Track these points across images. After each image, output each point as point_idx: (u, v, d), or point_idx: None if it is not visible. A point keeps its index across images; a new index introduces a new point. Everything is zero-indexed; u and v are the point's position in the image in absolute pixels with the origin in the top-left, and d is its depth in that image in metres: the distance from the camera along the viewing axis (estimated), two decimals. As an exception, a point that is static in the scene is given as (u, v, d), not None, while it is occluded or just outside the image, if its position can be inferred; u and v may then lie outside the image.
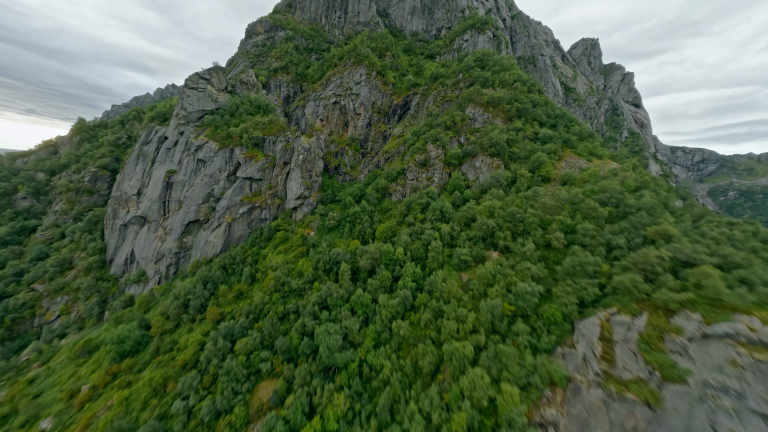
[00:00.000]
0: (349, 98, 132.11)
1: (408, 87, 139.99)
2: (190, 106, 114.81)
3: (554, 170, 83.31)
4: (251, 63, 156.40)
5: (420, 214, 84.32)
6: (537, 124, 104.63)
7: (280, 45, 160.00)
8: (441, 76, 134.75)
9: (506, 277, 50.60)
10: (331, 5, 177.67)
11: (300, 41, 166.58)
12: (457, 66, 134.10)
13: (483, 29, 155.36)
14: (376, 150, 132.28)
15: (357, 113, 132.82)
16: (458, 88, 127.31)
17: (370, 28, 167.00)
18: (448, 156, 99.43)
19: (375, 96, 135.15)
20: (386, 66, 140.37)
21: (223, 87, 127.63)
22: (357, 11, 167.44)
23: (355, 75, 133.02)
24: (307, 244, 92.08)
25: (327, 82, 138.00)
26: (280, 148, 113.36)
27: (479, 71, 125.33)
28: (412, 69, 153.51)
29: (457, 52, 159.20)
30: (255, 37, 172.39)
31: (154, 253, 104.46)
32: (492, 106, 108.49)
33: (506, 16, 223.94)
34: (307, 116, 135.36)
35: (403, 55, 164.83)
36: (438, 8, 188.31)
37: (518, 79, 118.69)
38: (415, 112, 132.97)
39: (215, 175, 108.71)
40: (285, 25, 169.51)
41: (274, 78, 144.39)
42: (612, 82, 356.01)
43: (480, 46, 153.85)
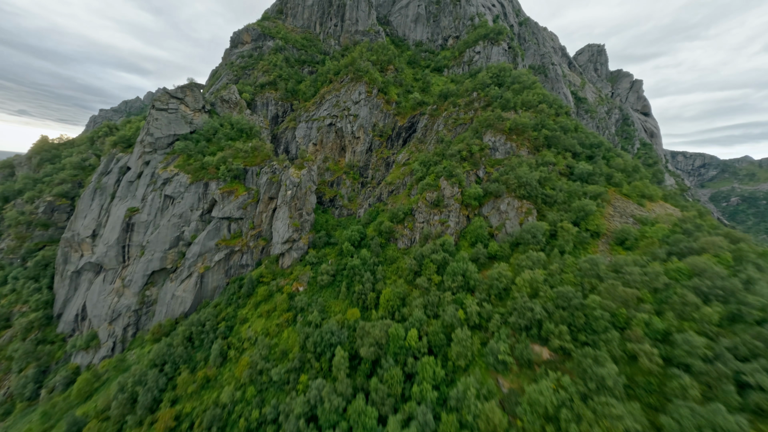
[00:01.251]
0: (346, 120, 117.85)
1: (414, 106, 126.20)
2: (157, 131, 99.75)
3: (603, 220, 68.62)
4: (236, 76, 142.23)
5: (435, 275, 69.07)
6: (570, 156, 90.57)
7: (268, 56, 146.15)
8: (452, 95, 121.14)
9: (579, 421, 35.15)
10: (327, 12, 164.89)
11: (291, 52, 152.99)
12: (470, 83, 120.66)
13: (497, 40, 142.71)
14: (377, 179, 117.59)
15: (356, 137, 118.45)
16: (472, 109, 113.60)
17: (369, 37, 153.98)
18: (465, 195, 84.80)
19: (376, 117, 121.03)
20: (389, 82, 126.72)
21: (199, 106, 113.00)
22: (355, 19, 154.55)
23: (354, 93, 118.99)
24: (294, 307, 76.52)
25: (321, 101, 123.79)
26: (265, 180, 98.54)
27: (497, 90, 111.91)
28: (417, 84, 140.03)
29: (468, 65, 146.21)
30: (241, 47, 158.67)
31: (109, 311, 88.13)
32: (516, 134, 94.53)
33: (514, 23, 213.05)
34: (298, 140, 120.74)
35: (407, 68, 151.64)
36: (444, 16, 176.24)
37: (543, 100, 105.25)
38: (422, 135, 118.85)
39: (186, 214, 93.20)
40: (274, 34, 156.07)
41: (260, 95, 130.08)
42: (620, 89, 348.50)
43: (494, 59, 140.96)
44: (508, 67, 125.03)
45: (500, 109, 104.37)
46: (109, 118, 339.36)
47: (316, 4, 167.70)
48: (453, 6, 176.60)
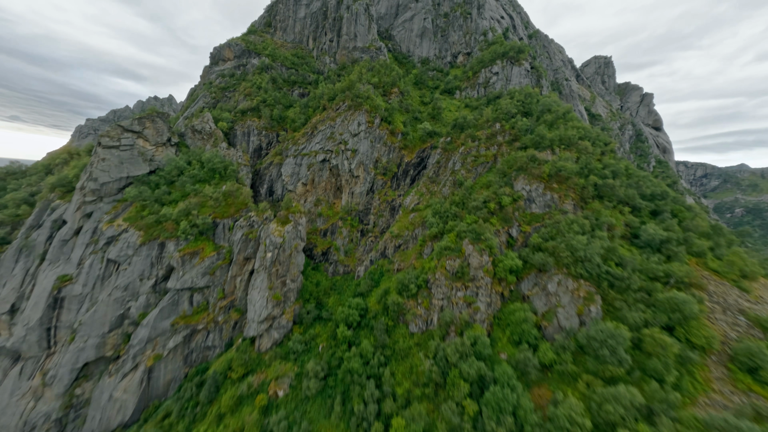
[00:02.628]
0: (343, 155, 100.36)
1: (423, 137, 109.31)
2: (104, 174, 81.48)
3: (706, 321, 50.33)
4: (214, 99, 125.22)
5: (469, 399, 50.06)
6: (629, 211, 73.08)
7: (252, 76, 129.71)
8: (469, 125, 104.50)
9: None
10: (321, 26, 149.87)
11: (279, 71, 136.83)
12: (491, 112, 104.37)
13: (518, 59, 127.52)
14: (381, 227, 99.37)
15: (354, 175, 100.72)
16: (495, 144, 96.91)
17: (369, 55, 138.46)
18: (499, 267, 66.53)
19: (379, 151, 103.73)
20: (393, 109, 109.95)
21: (163, 140, 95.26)
22: (353, 34, 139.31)
23: (352, 123, 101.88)
24: (267, 429, 56.78)
25: (313, 132, 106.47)
26: (241, 237, 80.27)
27: (525, 121, 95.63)
28: (426, 110, 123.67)
29: (484, 87, 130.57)
30: (222, 64, 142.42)
31: (20, 422, 67.47)
32: (557, 181, 77.06)
33: (523, 36, 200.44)
34: (285, 178, 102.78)
35: (413, 89, 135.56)
36: (454, 30, 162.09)
37: (584, 135, 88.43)
38: (434, 173, 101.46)
39: (133, 285, 74.17)
40: (260, 50, 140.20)
41: (241, 122, 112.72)
42: (630, 103, 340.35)
43: (515, 81, 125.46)
44: (534, 92, 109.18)
45: (533, 147, 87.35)
46: (96, 128, 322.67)
47: (309, 16, 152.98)
48: (463, 20, 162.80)
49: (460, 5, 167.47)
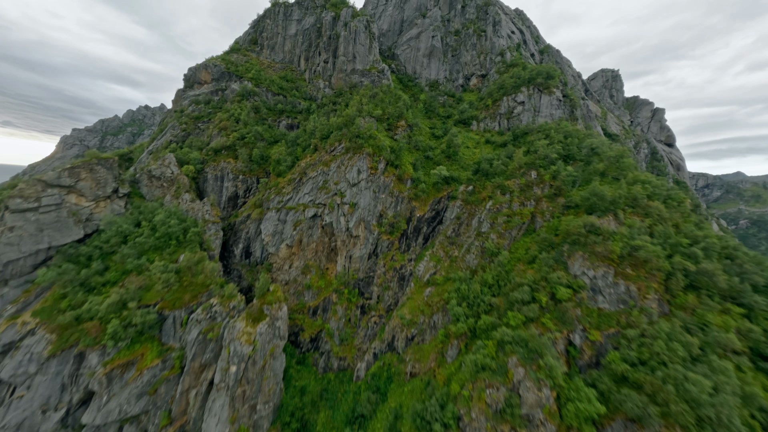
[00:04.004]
0: (338, 211, 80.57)
1: (438, 184, 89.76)
2: (11, 250, 61.22)
3: None
4: (184, 132, 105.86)
5: None
6: (737, 311, 52.96)
7: (231, 104, 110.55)
8: (496, 172, 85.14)
9: None
10: (314, 44, 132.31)
11: (264, 97, 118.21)
12: (522, 155, 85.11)
13: (547, 86, 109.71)
14: (386, 302, 78.93)
15: (353, 236, 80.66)
16: (532, 198, 77.83)
17: (370, 79, 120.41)
18: (567, 411, 45.77)
19: (384, 203, 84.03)
20: (400, 148, 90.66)
21: (107, 192, 75.56)
22: (352, 55, 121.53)
23: (351, 170, 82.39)
24: None
25: (301, 178, 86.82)
26: (197, 336, 59.45)
27: (569, 170, 76.63)
28: (439, 146, 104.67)
29: (507, 118, 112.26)
30: (198, 88, 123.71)
31: None
32: (633, 265, 57.09)
33: (534, 51, 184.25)
34: (265, 238, 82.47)
35: (422, 120, 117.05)
36: (466, 49, 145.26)
37: (654, 193, 69.24)
38: (453, 232, 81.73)
39: (32, 422, 52.54)
40: (243, 73, 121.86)
41: (213, 164, 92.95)
42: (640, 118, 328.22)
43: (545, 112, 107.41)
44: (575, 130, 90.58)
45: (586, 208, 67.94)
46: (82, 139, 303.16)
47: (300, 33, 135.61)
48: (477, 38, 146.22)
49: (473, 21, 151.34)
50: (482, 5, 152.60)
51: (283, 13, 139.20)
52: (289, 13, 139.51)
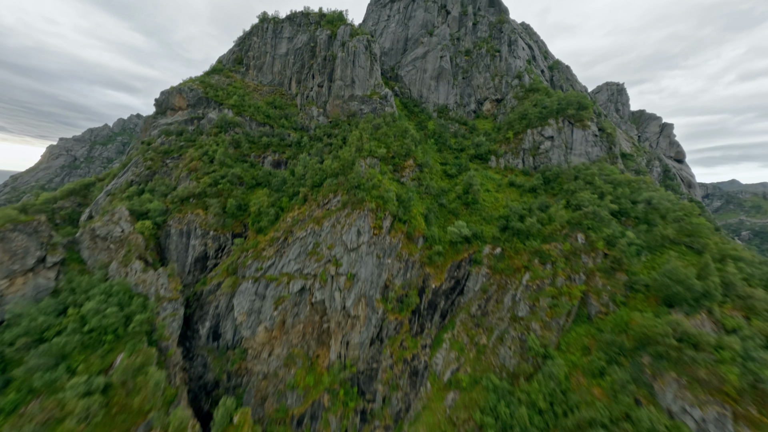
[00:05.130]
0: (333, 284, 63.82)
1: (455, 242, 73.01)
2: None
3: None
4: (149, 171, 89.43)
5: None
6: None
7: (207, 138, 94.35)
8: (530, 232, 68.79)
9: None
10: (307, 65, 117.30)
11: (248, 127, 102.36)
12: (564, 211, 68.83)
13: (580, 119, 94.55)
14: (395, 407, 61.59)
15: (351, 315, 63.47)
16: (581, 270, 61.20)
17: (371, 106, 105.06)
18: None
19: (390, 269, 67.38)
20: (410, 198, 74.22)
21: (28, 264, 58.62)
22: (350, 78, 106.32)
23: (349, 231, 65.79)
24: None
25: (286, 238, 70.03)
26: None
27: (630, 236, 60.30)
28: (453, 189, 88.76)
29: (533, 155, 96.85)
30: (171, 115, 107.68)
31: None
32: (759, 402, 39.92)
33: (544, 68, 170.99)
34: (238, 317, 65.17)
35: (433, 155, 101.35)
36: (478, 71, 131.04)
37: (751, 275, 52.70)
38: (479, 310, 65.11)
39: None
40: (223, 98, 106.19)
41: (178, 216, 75.88)
42: (648, 133, 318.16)
43: (579, 150, 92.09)
44: (628, 179, 75.06)
45: (665, 298, 51.41)
46: (69, 149, 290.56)
47: (292, 53, 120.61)
48: (490, 58, 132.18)
49: (486, 40, 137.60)
50: (495, 23, 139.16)
51: (272, 30, 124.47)
52: (279, 30, 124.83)
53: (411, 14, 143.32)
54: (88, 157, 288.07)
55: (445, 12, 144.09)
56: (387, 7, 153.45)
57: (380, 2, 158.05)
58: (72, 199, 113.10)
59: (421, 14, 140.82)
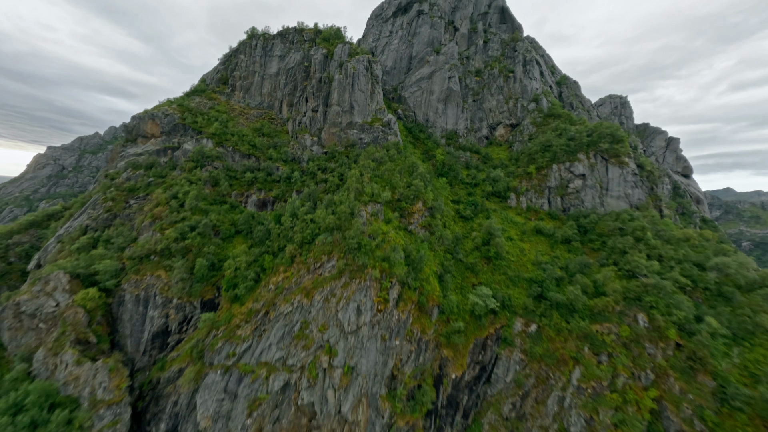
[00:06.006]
0: (325, 381, 49.77)
1: (479, 317, 58.98)
2: None
3: None
4: (108, 213, 75.52)
5: None
6: None
7: (180, 173, 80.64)
8: (572, 306, 54.84)
9: None
10: (300, 86, 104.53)
11: (230, 159, 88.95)
12: (617, 281, 55.08)
13: (615, 154, 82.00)
14: None
15: (347, 421, 48.54)
16: (649, 366, 46.46)
17: (373, 135, 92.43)
18: None
19: (398, 353, 53.50)
20: (420, 257, 60.38)
21: None
22: (348, 103, 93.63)
23: (346, 308, 52.32)
24: None
25: (268, 312, 56.06)
26: None
27: (716, 327, 46.22)
28: (469, 236, 75.33)
29: (560, 194, 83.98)
30: (142, 143, 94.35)
31: None
32: None
33: (551, 83, 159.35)
34: (201, 420, 50.16)
35: (443, 190, 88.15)
36: (491, 94, 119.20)
37: None
38: (514, 409, 51.06)
39: None
40: (203, 126, 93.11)
41: (134, 277, 61.63)
42: (654, 148, 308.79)
43: (616, 191, 79.19)
44: (688, 235, 61.74)
45: None
46: (57, 158, 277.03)
47: (283, 73, 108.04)
48: (503, 79, 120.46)
49: (498, 60, 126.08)
50: (508, 41, 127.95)
51: (261, 48, 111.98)
52: (269, 48, 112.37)
53: (415, 30, 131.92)
54: (77, 166, 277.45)
55: (452, 29, 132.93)
56: (389, 22, 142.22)
57: (381, 17, 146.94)
58: (32, 232, 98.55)
59: (426, 31, 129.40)
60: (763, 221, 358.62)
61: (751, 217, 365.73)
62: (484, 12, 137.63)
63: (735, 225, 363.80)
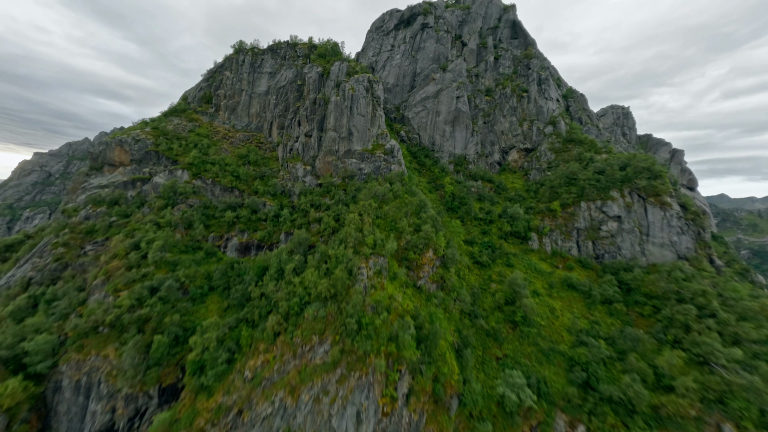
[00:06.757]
0: None
1: (511, 415, 46.48)
2: None
3: None
4: (57, 264, 63.13)
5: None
6: None
7: (147, 212, 68.66)
8: (631, 406, 43.21)
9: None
10: (292, 108, 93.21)
11: (209, 193, 76.98)
12: (688, 377, 43.25)
13: (655, 192, 71.17)
14: None
15: None
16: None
17: (374, 165, 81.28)
18: None
19: (411, 477, 39.92)
20: (435, 333, 48.27)
21: None
22: (347, 129, 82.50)
23: (343, 412, 40.41)
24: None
25: (241, 412, 42.91)
26: None
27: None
28: (488, 288, 63.74)
29: (592, 239, 72.59)
30: (109, 172, 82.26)
31: None
32: None
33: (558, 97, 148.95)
34: None
35: (457, 231, 76.64)
36: (503, 115, 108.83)
37: None
38: None
39: None
40: (179, 154, 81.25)
41: (76, 357, 48.79)
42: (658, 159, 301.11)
43: (659, 237, 68.38)
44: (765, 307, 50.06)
45: None
46: (43, 165, 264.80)
47: (273, 91, 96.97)
48: (517, 100, 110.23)
49: (510, 78, 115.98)
50: (521, 57, 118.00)
51: (249, 64, 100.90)
52: (258, 64, 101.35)
53: (420, 45, 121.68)
54: (65, 173, 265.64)
55: (460, 44, 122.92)
56: (390, 35, 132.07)
57: (382, 29, 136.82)
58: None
59: (431, 45, 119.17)
60: (761, 229, 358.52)
61: (748, 225, 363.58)
62: (494, 26, 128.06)
63: (733, 233, 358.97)
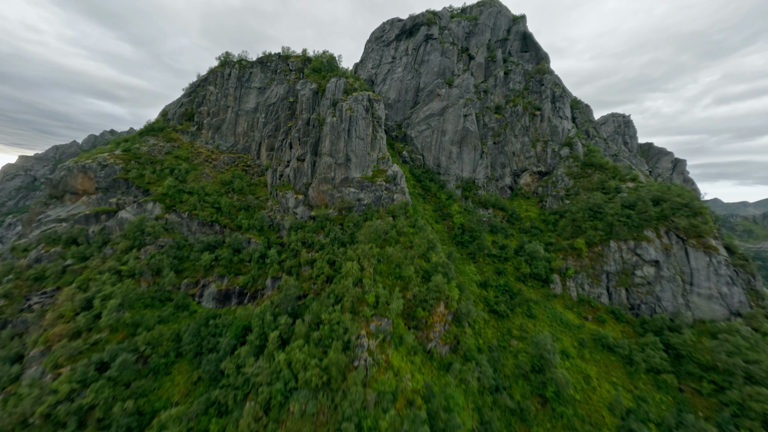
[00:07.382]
0: None
1: None
2: None
3: None
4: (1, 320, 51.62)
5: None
6: None
7: (111, 253, 58.37)
8: None
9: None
10: (283, 127, 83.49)
11: (185, 229, 66.89)
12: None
13: (697, 232, 62.57)
14: None
15: None
16: None
17: (375, 194, 71.74)
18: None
19: None
20: (452, 427, 38.29)
21: None
22: (344, 154, 73.03)
23: None
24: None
25: None
26: None
27: None
28: (508, 346, 54.30)
29: (625, 285, 63.42)
30: (71, 201, 71.79)
31: None
32: None
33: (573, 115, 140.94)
34: None
35: (471, 275, 67.12)
36: (514, 135, 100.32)
37: None
38: None
39: None
40: (151, 182, 71.28)
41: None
42: (660, 169, 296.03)
43: (706, 289, 60.03)
44: None
45: None
46: (29, 168, 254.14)
47: (263, 109, 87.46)
48: (529, 119, 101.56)
49: (521, 94, 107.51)
50: (533, 72, 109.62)
51: (236, 78, 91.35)
52: (246, 78, 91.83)
53: (423, 58, 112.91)
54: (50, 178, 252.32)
55: (467, 57, 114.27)
56: (391, 46, 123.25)
57: (382, 40, 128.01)
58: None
59: (436, 59, 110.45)
60: (756, 235, 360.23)
61: (744, 231, 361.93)
62: (503, 38, 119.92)
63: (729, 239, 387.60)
